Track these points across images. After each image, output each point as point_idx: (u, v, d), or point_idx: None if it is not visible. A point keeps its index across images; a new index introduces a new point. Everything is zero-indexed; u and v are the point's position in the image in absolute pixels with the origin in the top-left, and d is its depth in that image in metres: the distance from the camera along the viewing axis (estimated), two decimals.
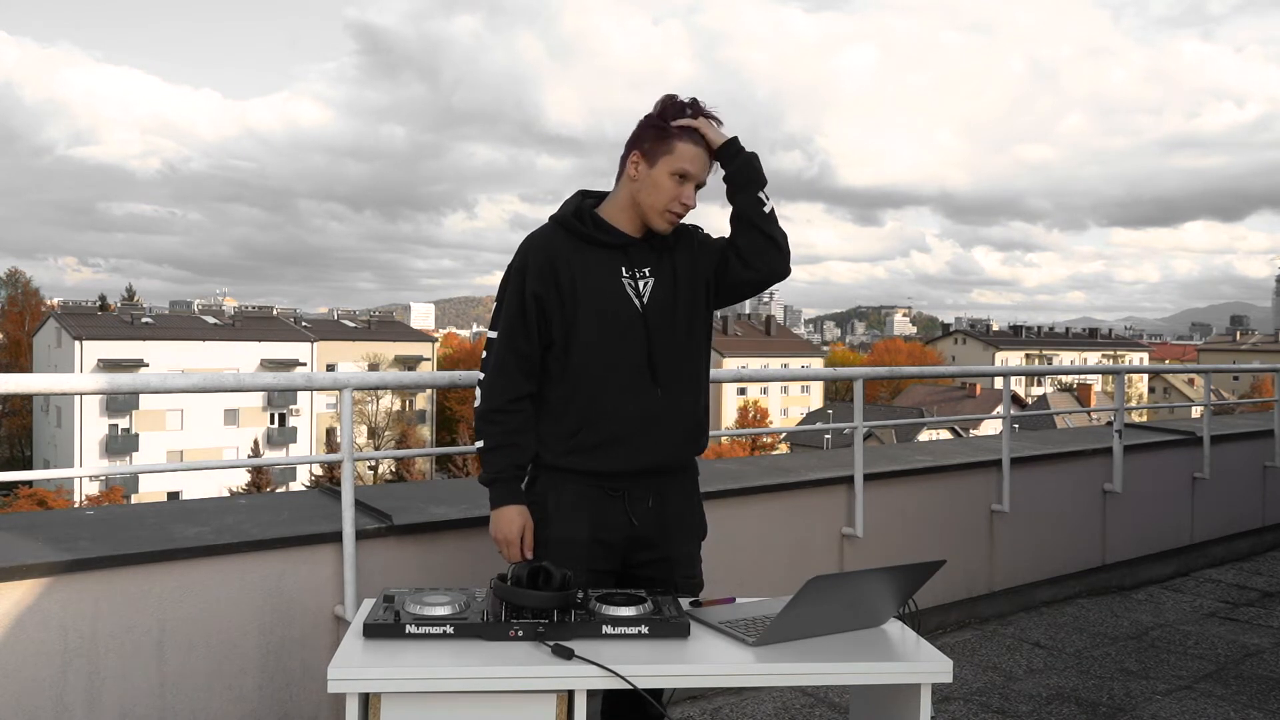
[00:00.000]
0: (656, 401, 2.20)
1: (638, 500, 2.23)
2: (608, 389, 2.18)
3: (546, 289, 2.17)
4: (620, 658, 1.74)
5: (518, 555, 2.19)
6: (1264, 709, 3.59)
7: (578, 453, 2.20)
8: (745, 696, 3.53)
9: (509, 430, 2.20)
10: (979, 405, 53.42)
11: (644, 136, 2.19)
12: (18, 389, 2.44)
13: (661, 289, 2.23)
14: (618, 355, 2.18)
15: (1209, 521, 5.98)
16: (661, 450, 2.23)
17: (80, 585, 2.46)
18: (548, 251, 2.19)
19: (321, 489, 3.38)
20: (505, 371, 2.20)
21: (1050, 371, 6.83)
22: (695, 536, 2.36)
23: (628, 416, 2.19)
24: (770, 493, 3.90)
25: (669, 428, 2.23)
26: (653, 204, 2.18)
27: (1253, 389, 58.74)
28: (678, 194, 2.17)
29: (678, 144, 2.16)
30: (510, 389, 2.20)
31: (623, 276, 2.20)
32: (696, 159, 2.17)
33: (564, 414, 2.21)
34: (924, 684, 1.83)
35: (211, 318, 58.46)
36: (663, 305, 2.22)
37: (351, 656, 1.74)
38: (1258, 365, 9.87)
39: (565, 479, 2.22)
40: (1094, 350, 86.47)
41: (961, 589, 4.58)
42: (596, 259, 2.20)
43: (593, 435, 2.19)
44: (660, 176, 2.17)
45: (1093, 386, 62.94)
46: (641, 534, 2.24)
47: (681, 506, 2.31)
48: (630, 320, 2.19)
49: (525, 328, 2.19)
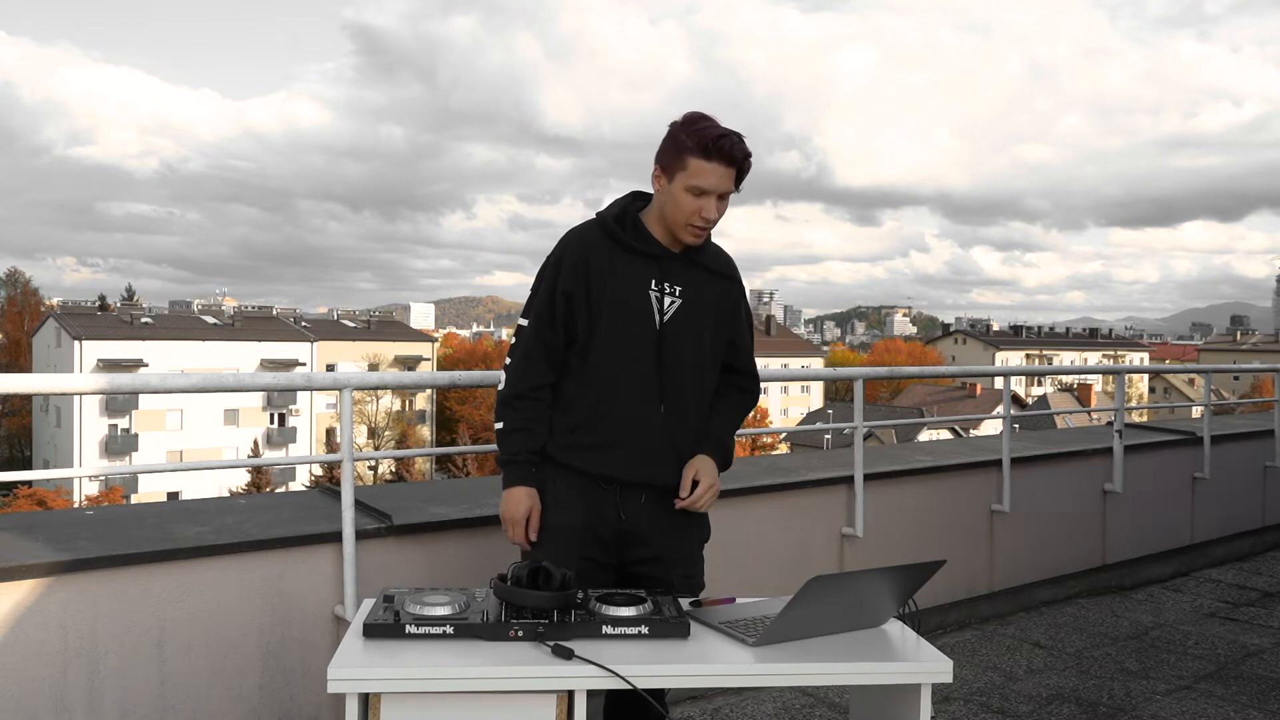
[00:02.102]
0: (658, 417, 2.24)
1: (629, 497, 2.26)
2: (614, 396, 2.23)
3: (577, 287, 2.22)
4: (620, 658, 1.74)
5: (521, 536, 2.26)
6: (1264, 709, 3.59)
7: (574, 449, 2.25)
8: (745, 696, 3.53)
9: (528, 416, 2.26)
10: (979, 405, 53.43)
11: (664, 150, 2.20)
12: (18, 389, 2.44)
13: (686, 309, 2.25)
14: (630, 366, 2.22)
15: (1209, 521, 5.98)
16: (654, 466, 2.26)
17: (80, 585, 2.46)
18: (584, 251, 2.23)
19: (321, 489, 3.38)
20: (531, 360, 2.27)
21: (1050, 371, 6.84)
22: (693, 536, 2.36)
23: (627, 427, 2.23)
24: (770, 493, 3.90)
25: (666, 445, 2.26)
26: (675, 219, 2.20)
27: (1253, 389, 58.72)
28: (697, 208, 2.17)
29: (691, 160, 2.15)
30: (533, 377, 2.26)
31: (651, 289, 2.23)
32: (712, 174, 2.15)
33: (570, 410, 2.26)
34: (924, 684, 1.83)
35: (211, 318, 58.46)
36: (683, 325, 2.25)
37: (351, 656, 1.74)
38: (1258, 365, 9.88)
39: (561, 471, 2.27)
40: (1094, 350, 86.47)
41: (961, 589, 4.58)
42: (629, 267, 2.23)
43: (590, 437, 2.24)
44: (678, 192, 2.17)
45: (1093, 386, 62.93)
46: (631, 529, 2.26)
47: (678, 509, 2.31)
48: (647, 334, 2.22)
49: (553, 321, 2.25)
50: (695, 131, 2.15)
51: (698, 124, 2.16)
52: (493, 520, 2.37)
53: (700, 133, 2.14)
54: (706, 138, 2.14)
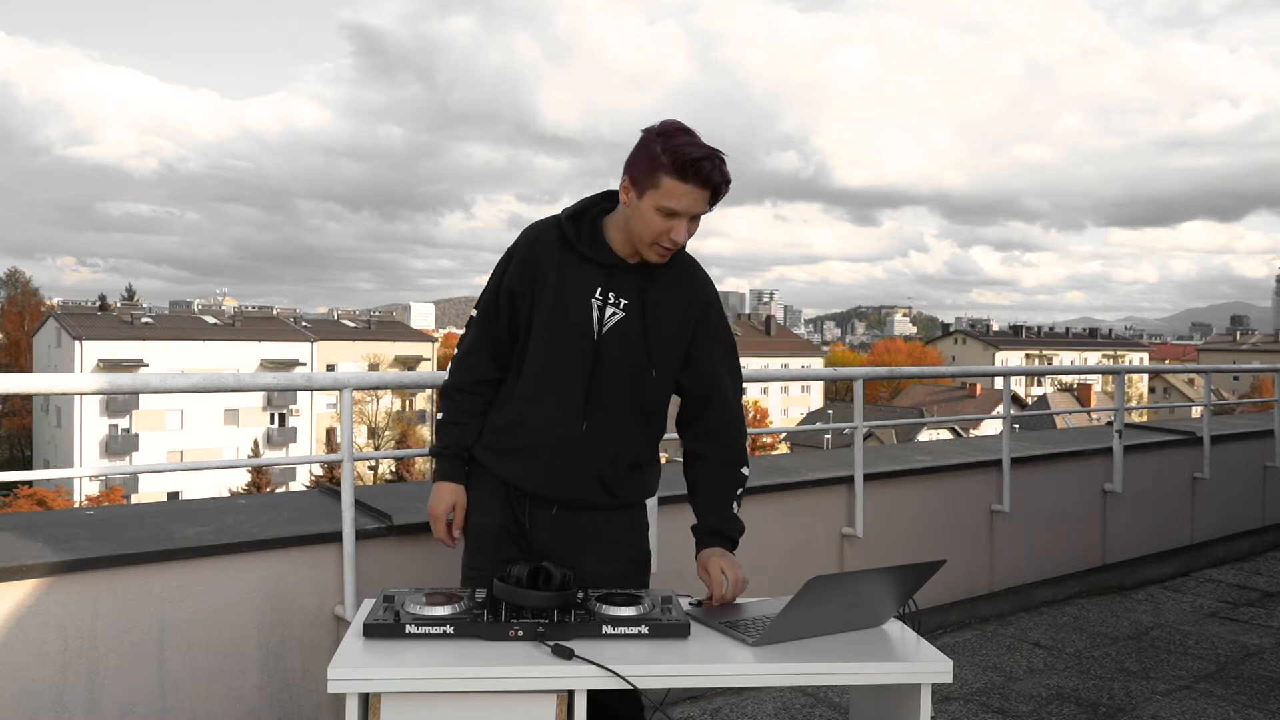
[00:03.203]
0: (579, 434, 2.10)
1: (539, 507, 2.15)
2: (538, 405, 2.11)
3: (522, 286, 2.12)
4: (620, 658, 1.74)
5: (441, 532, 2.20)
6: (1264, 709, 3.59)
7: (491, 452, 2.17)
8: (745, 696, 3.53)
9: (461, 410, 2.19)
10: (979, 405, 53.42)
11: (636, 162, 2.00)
12: (18, 389, 2.44)
13: (630, 323, 2.09)
14: (560, 375, 2.10)
15: (1209, 521, 5.98)
16: (565, 483, 2.12)
17: (80, 585, 2.46)
18: (535, 249, 2.13)
19: (321, 489, 3.38)
20: (473, 353, 2.20)
21: (1050, 371, 6.84)
22: (615, 557, 2.17)
23: (542, 439, 2.11)
24: (770, 493, 3.90)
25: (583, 464, 2.11)
26: (641, 235, 2.03)
27: (1253, 389, 58.73)
28: (666, 229, 2.00)
29: (665, 179, 1.95)
30: (473, 370, 2.20)
31: (594, 298, 2.09)
32: (687, 196, 1.96)
33: (500, 410, 2.18)
34: (924, 684, 1.83)
35: (211, 318, 58.47)
36: (623, 339, 2.09)
37: (351, 656, 1.74)
38: (1258, 365, 9.88)
39: (481, 471, 2.19)
40: (1094, 350, 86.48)
41: (961, 589, 4.58)
42: (578, 272, 2.09)
43: (506, 442, 2.15)
44: (647, 210, 1.99)
45: (1093, 386, 62.93)
46: (540, 541, 2.14)
47: (599, 523, 2.16)
48: (582, 345, 2.09)
49: (496, 317, 2.16)
50: (672, 148, 1.94)
51: (675, 139, 1.95)
52: None
53: (677, 150, 1.94)
54: (685, 157, 1.93)
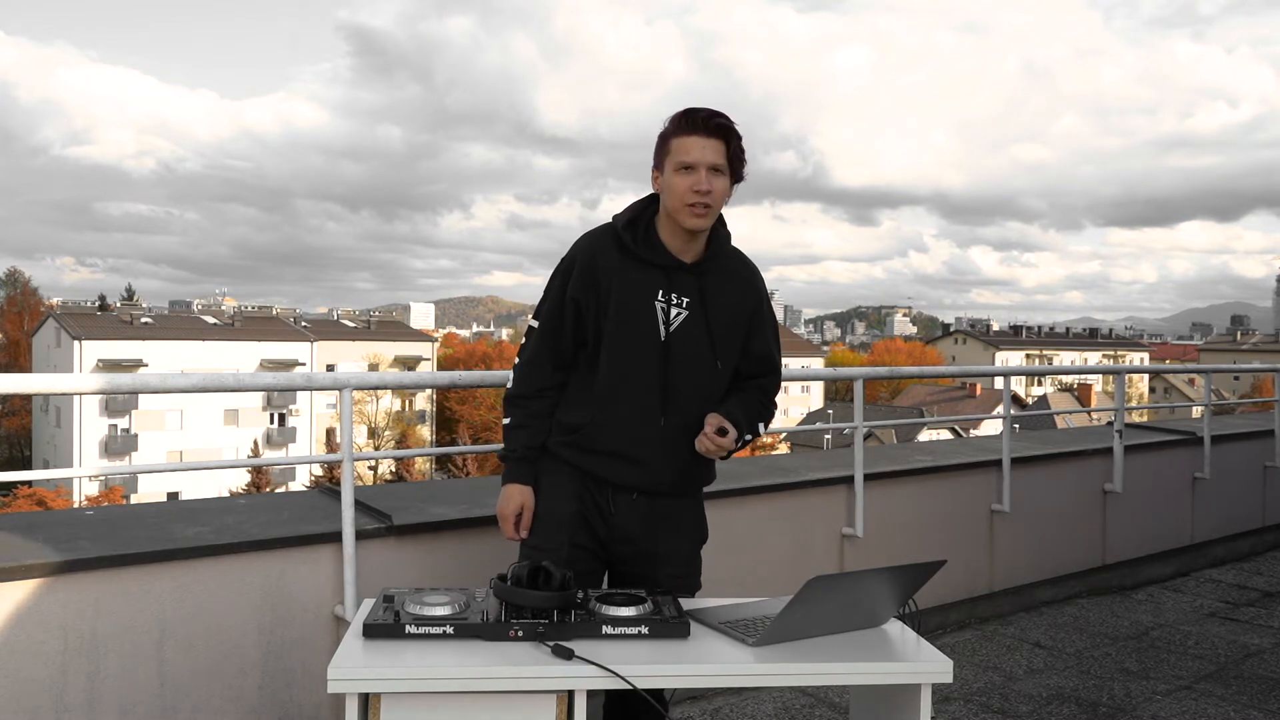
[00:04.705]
0: (658, 431, 2.24)
1: (621, 493, 2.27)
2: (617, 405, 2.23)
3: (585, 295, 2.23)
4: (620, 658, 1.74)
5: (510, 532, 2.29)
6: (1264, 709, 3.59)
7: (572, 449, 2.27)
8: (745, 696, 3.53)
9: (530, 414, 2.30)
10: (979, 405, 53.41)
11: (655, 150, 2.23)
12: (18, 389, 2.44)
13: (694, 321, 2.24)
14: (634, 377, 2.22)
15: (1209, 521, 5.98)
16: (649, 478, 2.26)
17: (80, 585, 2.46)
18: (593, 257, 2.23)
19: (321, 489, 3.38)
20: (538, 363, 2.30)
21: (1050, 371, 6.83)
22: (687, 537, 2.35)
23: (625, 437, 2.24)
24: (770, 493, 3.90)
25: (664, 459, 2.25)
26: (674, 205, 2.18)
27: (1253, 389, 58.72)
28: (689, 184, 2.15)
29: (672, 141, 2.17)
30: (538, 380, 2.30)
31: (658, 300, 2.22)
32: (694, 146, 2.15)
33: (572, 411, 2.28)
34: (924, 684, 1.83)
35: (211, 318, 58.46)
36: (689, 337, 2.24)
37: (351, 656, 1.74)
38: (1258, 365, 9.88)
39: (558, 463, 2.29)
40: (1094, 350, 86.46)
41: (962, 589, 4.58)
42: (638, 276, 2.21)
43: (588, 441, 2.25)
44: (670, 177, 2.17)
45: (1093, 386, 62.92)
46: (620, 524, 2.27)
47: (672, 506, 2.32)
48: (652, 346, 2.22)
49: (560, 327, 2.27)
50: (672, 118, 2.21)
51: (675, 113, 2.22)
52: (492, 520, 2.37)
53: (675, 116, 2.20)
54: (680, 115, 2.19)
